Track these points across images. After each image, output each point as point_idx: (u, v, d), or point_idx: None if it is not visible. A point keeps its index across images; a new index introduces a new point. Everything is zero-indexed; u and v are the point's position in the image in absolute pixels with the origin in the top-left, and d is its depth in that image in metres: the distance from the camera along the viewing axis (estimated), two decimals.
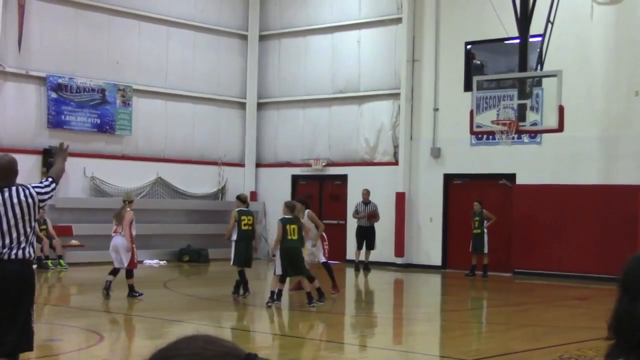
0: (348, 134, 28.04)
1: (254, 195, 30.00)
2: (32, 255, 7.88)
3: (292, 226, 16.36)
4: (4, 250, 7.62)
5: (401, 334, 14.84)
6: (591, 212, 22.79)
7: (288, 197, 24.82)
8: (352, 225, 26.08)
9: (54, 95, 25.14)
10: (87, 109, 25.87)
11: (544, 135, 22.84)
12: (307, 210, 18.19)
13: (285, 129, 29.74)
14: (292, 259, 16.11)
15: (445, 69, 25.96)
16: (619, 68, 22.69)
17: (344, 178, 28.04)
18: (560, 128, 20.39)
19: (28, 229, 7.81)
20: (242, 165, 30.14)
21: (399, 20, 26.79)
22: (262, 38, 30.23)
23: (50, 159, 24.75)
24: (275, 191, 28.06)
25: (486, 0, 23.31)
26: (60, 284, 21.54)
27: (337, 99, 28.36)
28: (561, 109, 20.12)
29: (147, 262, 26.02)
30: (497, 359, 11.51)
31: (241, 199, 18.44)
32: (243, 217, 17.65)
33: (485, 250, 23.53)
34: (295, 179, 29.24)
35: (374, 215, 24.84)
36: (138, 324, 14.59)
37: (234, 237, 17.60)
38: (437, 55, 26.13)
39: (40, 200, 7.98)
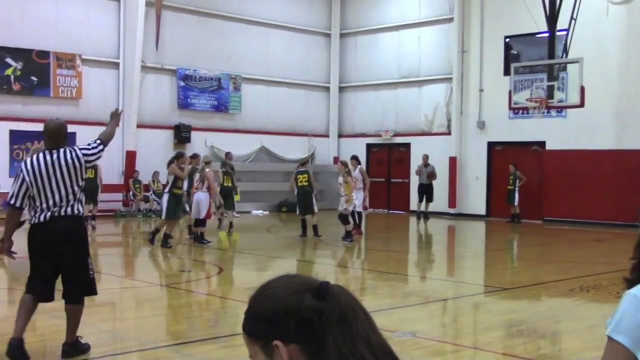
0: (411, 111, 27.91)
1: (336, 160, 30.09)
2: (81, 211, 6.89)
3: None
4: (55, 208, 6.69)
5: (453, 268, 14.83)
6: (607, 171, 22.41)
7: (363, 161, 24.99)
8: (414, 183, 26.05)
9: (182, 83, 25.55)
10: (207, 93, 26.24)
11: (569, 110, 22.45)
12: (359, 166, 18.27)
13: (361, 107, 29.74)
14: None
15: (488, 57, 25.62)
16: (630, 55, 22.15)
17: (407, 146, 27.97)
18: (581, 104, 20.08)
19: (76, 188, 6.81)
20: (327, 136, 30.26)
21: (451, 20, 26.48)
22: (342, 36, 30.18)
23: (184, 133, 25.33)
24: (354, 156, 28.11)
25: (521, 3, 22.92)
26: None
27: (402, 83, 28.21)
28: (582, 89, 19.80)
29: (254, 212, 26.43)
30: (530, 288, 11.46)
31: (300, 162, 18.62)
32: (299, 176, 17.76)
33: (516, 203, 23.49)
34: (369, 146, 29.26)
35: (432, 175, 24.77)
36: (248, 259, 14.83)
37: (297, 191, 17.87)
38: (481, 47, 25.80)
39: (87, 162, 6.96)
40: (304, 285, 1.57)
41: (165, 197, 15.69)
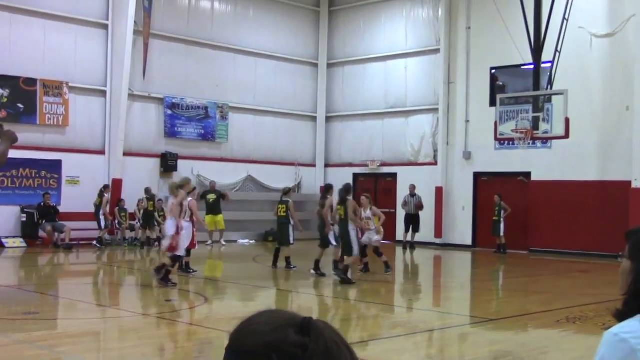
0: (397, 141, 28.01)
1: (322, 190, 30.11)
2: None
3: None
4: None
5: (440, 299, 14.82)
6: (591, 202, 22.53)
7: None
8: (401, 212, 26.05)
9: (169, 111, 25.56)
10: (194, 122, 26.25)
11: (554, 141, 22.61)
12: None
13: (348, 137, 29.82)
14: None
15: (474, 88, 25.82)
16: (613, 87, 22.38)
17: (394, 176, 28.03)
18: (566, 135, 20.22)
19: None
20: (313, 165, 30.28)
21: (437, 51, 26.70)
22: (329, 65, 30.35)
23: (170, 161, 25.25)
24: (341, 186, 28.09)
25: (507, 35, 23.18)
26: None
27: (389, 113, 28.35)
28: (567, 121, 19.96)
29: (241, 241, 26.35)
30: (516, 319, 11.46)
31: (283, 191, 18.53)
32: (279, 206, 17.76)
33: (501, 234, 23.52)
34: (356, 176, 29.28)
35: (420, 206, 24.79)
36: (234, 289, 14.77)
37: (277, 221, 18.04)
38: (467, 78, 26.00)
39: None
40: (286, 321, 1.56)
41: (353, 233, 15.42)
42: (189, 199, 16.01)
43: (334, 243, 16.89)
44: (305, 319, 1.56)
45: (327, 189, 17.56)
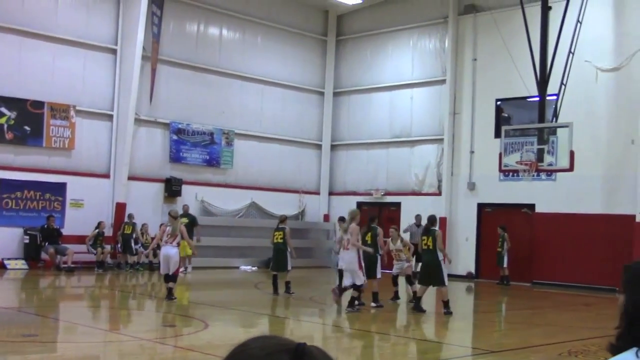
0: (402, 170, 28.00)
1: (326, 217, 30.07)
2: None
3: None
4: None
5: (441, 329, 14.71)
6: (595, 236, 22.44)
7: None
8: None
9: (174, 137, 25.62)
10: (199, 147, 26.29)
11: (558, 173, 22.58)
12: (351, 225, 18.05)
13: (353, 165, 29.82)
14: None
15: (480, 120, 25.84)
16: (618, 121, 22.38)
17: (398, 205, 27.98)
18: (571, 168, 20.23)
19: None
20: (317, 193, 30.25)
21: (443, 82, 26.78)
22: (335, 94, 30.44)
23: (175, 186, 25.26)
24: (344, 214, 27.99)
25: (512, 67, 23.27)
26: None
27: (394, 142, 28.37)
28: (572, 153, 19.96)
29: (243, 267, 26.24)
30: (518, 352, 11.35)
31: (280, 218, 18.64)
32: (275, 233, 17.94)
33: (504, 265, 23.44)
34: (359, 204, 29.16)
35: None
36: (235, 315, 14.67)
37: (272, 247, 18.23)
38: (473, 109, 26.05)
39: None
40: (281, 346, 1.54)
41: (442, 264, 15.68)
42: (182, 224, 16.15)
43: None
44: (300, 344, 1.54)
45: (372, 220, 17.58)
